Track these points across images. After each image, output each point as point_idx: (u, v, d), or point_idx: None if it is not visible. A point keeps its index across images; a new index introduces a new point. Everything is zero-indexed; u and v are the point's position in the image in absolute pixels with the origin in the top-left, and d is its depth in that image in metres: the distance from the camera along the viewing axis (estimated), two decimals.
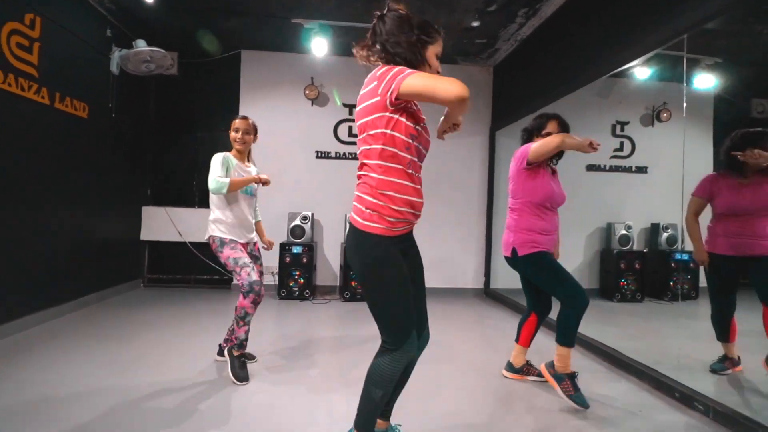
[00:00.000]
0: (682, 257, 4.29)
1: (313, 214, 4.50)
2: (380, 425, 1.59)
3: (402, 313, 1.37)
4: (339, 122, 4.77)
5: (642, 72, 3.87)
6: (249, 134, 2.40)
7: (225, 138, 4.91)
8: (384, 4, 1.41)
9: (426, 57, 1.38)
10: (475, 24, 3.91)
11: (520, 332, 2.36)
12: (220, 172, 2.25)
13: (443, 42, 1.44)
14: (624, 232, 4.60)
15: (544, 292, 2.27)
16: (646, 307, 4.43)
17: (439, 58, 1.43)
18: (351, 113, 4.77)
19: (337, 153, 4.76)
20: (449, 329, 3.41)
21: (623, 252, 4.49)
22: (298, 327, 3.33)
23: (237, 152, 2.41)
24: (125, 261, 4.31)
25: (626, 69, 3.04)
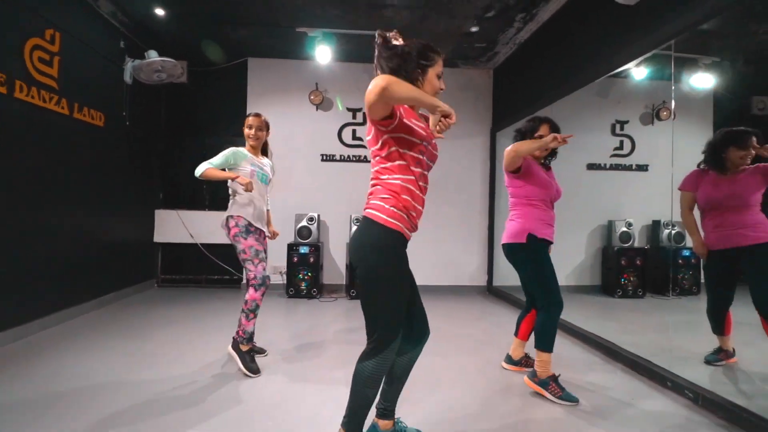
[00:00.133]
0: (684, 253, 4.36)
1: (319, 216, 4.64)
2: (385, 425, 1.63)
3: (398, 315, 1.44)
4: (343, 126, 4.90)
5: (640, 72, 3.95)
6: (261, 131, 2.55)
7: (233, 143, 5.05)
8: (382, 13, 1.51)
9: (427, 80, 1.45)
10: (475, 29, 4.02)
11: (519, 327, 2.47)
12: (215, 161, 2.38)
13: (444, 57, 1.51)
14: (625, 230, 4.68)
15: None
16: (648, 303, 4.51)
17: (440, 77, 1.49)
18: (354, 117, 4.90)
19: (342, 156, 4.89)
20: (452, 325, 3.52)
21: (624, 249, 4.56)
22: (307, 324, 3.47)
23: (251, 147, 2.55)
24: (140, 262, 4.48)
25: (624, 69, 3.13)
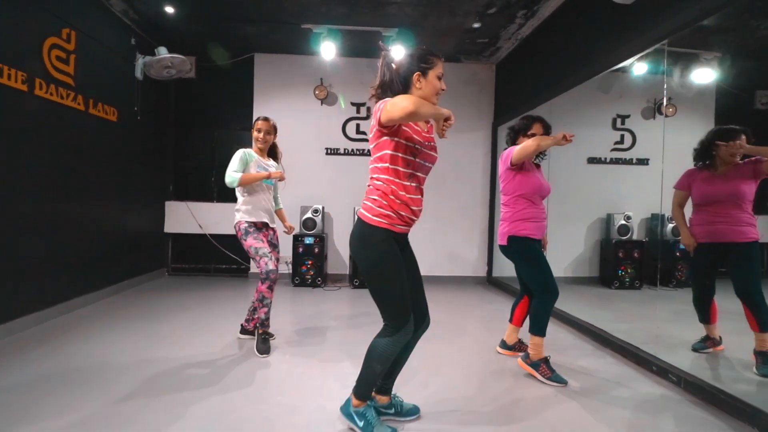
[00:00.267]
0: (682, 246, 4.44)
1: (324, 207, 4.77)
2: (382, 400, 1.82)
3: (401, 300, 1.61)
4: (347, 120, 5.01)
5: (641, 67, 4.01)
6: (270, 134, 2.66)
7: (240, 136, 5.20)
8: (386, 9, 1.63)
9: (428, 81, 1.60)
10: (477, 25, 4.09)
11: (513, 313, 2.61)
12: (236, 167, 2.51)
13: (443, 60, 1.65)
14: (623, 222, 4.76)
15: None
16: (645, 294, 4.61)
17: (441, 78, 1.63)
18: (358, 111, 5.01)
19: (346, 149, 5.01)
20: (452, 313, 3.66)
21: (622, 241, 4.66)
22: (312, 311, 3.62)
23: (258, 149, 2.67)
24: (152, 251, 4.66)
25: (625, 65, 3.19)
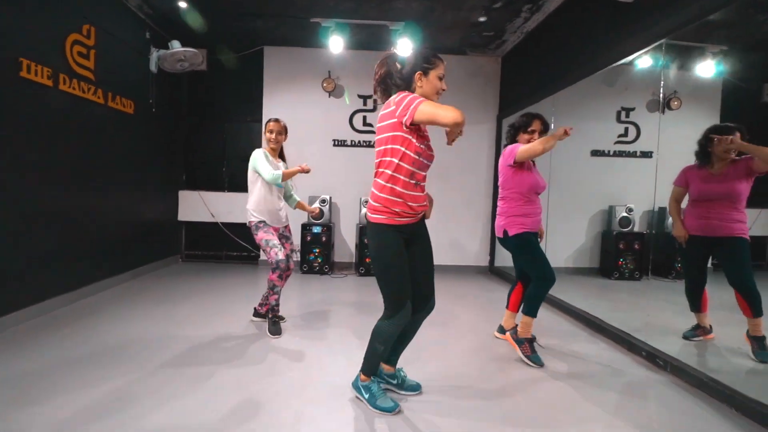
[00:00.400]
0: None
1: (331, 198, 4.92)
2: (388, 369, 2.04)
3: (398, 289, 1.77)
4: (354, 113, 5.11)
5: (645, 60, 4.05)
6: (281, 134, 2.76)
7: (250, 128, 5.33)
8: (392, 4, 1.75)
9: (428, 80, 1.73)
10: (482, 19, 4.14)
11: (509, 300, 2.74)
12: (271, 166, 2.62)
13: (444, 66, 1.77)
14: (625, 215, 4.85)
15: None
16: (644, 285, 4.71)
17: (441, 79, 1.76)
18: (365, 104, 5.11)
19: (353, 141, 5.12)
20: (454, 300, 3.81)
21: (623, 233, 4.76)
22: (320, 297, 3.79)
23: (271, 150, 2.77)
24: (166, 239, 4.85)
25: (629, 59, 3.24)
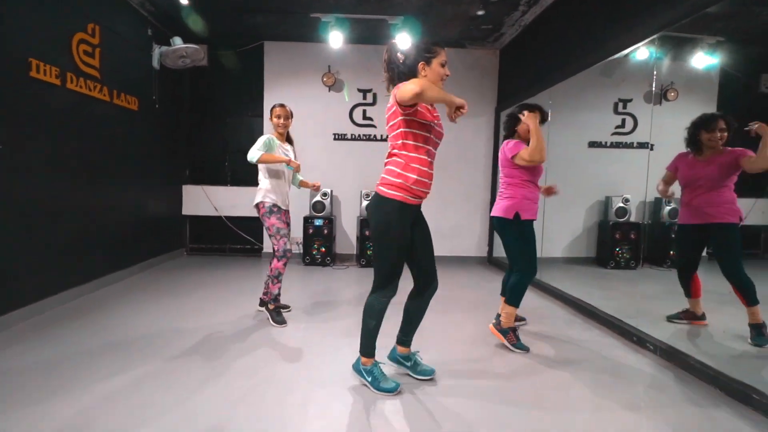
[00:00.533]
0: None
1: (332, 191, 5.00)
2: (402, 350, 2.12)
3: (393, 266, 1.88)
4: (354, 106, 5.17)
5: (644, 52, 4.09)
6: (288, 119, 2.88)
7: (252, 123, 5.39)
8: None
9: (432, 68, 1.83)
10: (481, 13, 4.19)
11: (505, 287, 2.84)
12: (259, 147, 2.70)
13: (445, 53, 1.86)
14: (621, 205, 4.94)
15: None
16: (639, 274, 4.82)
17: (444, 65, 1.85)
18: (365, 98, 5.16)
19: (353, 135, 5.19)
20: (454, 290, 3.92)
21: (619, 223, 4.86)
22: (322, 287, 3.90)
23: (279, 135, 2.88)
24: (171, 233, 4.96)
25: (626, 52, 3.29)
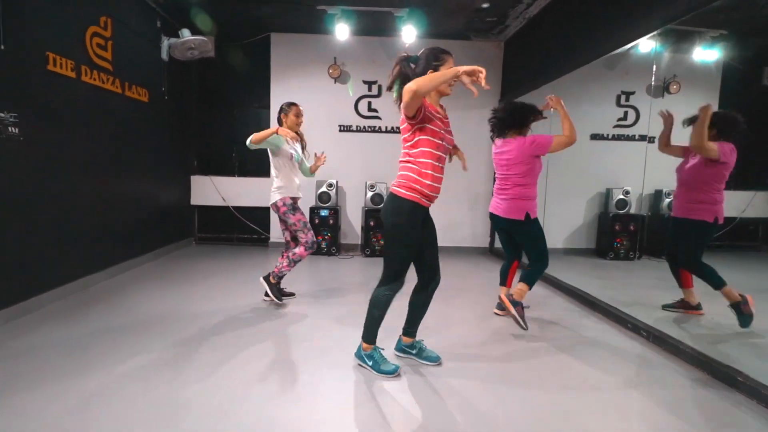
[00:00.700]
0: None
1: (338, 182, 5.09)
2: (406, 341, 2.24)
3: (402, 264, 2.00)
4: (359, 98, 5.24)
5: (647, 44, 4.12)
6: (301, 117, 3.08)
7: (258, 114, 5.46)
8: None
9: None
10: (486, 5, 4.22)
11: (507, 277, 2.96)
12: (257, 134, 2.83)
13: (453, 59, 1.96)
14: (621, 197, 5.02)
15: (519, 246, 2.90)
16: (638, 265, 4.93)
17: None
18: (370, 89, 5.22)
19: (358, 126, 5.26)
20: (457, 280, 4.04)
21: (619, 215, 4.95)
22: (328, 276, 4.03)
23: (296, 133, 3.03)
24: (180, 222, 5.08)
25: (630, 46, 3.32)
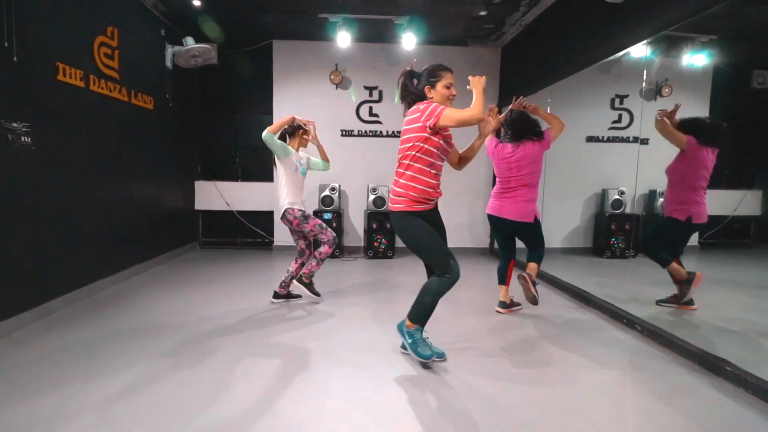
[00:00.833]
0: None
1: (340, 186, 5.19)
2: (409, 326, 2.29)
3: (438, 252, 2.08)
4: (361, 104, 5.34)
5: (641, 50, 4.25)
6: (307, 134, 3.24)
7: (261, 120, 5.55)
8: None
9: (437, 91, 2.05)
10: (483, 13, 4.34)
11: (506, 276, 3.07)
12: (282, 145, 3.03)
13: (452, 75, 2.09)
14: (617, 197, 5.15)
15: (515, 246, 3.07)
16: (634, 263, 5.06)
17: (449, 87, 2.06)
18: (371, 95, 5.33)
19: (360, 131, 5.36)
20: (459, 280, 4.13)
21: (615, 215, 5.08)
22: (333, 278, 4.12)
23: (301, 147, 3.22)
24: (185, 227, 5.15)
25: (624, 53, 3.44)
